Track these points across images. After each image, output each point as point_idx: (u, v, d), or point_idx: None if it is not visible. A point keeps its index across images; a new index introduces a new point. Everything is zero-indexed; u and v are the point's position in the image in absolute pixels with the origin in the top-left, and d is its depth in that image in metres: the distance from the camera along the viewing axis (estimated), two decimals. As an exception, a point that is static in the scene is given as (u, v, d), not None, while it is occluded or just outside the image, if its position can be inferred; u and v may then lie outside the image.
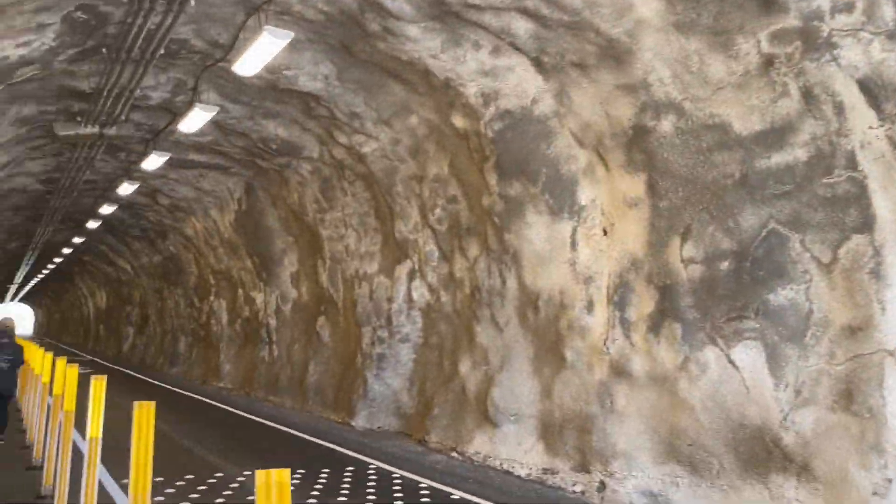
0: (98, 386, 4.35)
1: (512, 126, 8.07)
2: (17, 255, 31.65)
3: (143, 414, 2.75)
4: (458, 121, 8.90)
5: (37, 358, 9.58)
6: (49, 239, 26.82)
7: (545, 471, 7.94)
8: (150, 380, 21.84)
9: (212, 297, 21.07)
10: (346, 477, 8.07)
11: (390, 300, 11.62)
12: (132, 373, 24.59)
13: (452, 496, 7.26)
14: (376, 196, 11.90)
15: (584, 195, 7.69)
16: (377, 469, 8.56)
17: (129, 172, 15.64)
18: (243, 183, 16.06)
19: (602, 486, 7.16)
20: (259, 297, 17.53)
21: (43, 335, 67.08)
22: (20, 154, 13.80)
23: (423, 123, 9.83)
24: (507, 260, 8.87)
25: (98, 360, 30.60)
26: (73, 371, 5.44)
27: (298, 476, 8.02)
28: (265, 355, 17.01)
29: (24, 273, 39.84)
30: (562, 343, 7.96)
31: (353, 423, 11.84)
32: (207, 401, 16.17)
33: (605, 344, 7.38)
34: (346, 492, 7.32)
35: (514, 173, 8.28)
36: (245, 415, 13.63)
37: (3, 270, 37.23)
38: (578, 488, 7.41)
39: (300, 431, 11.55)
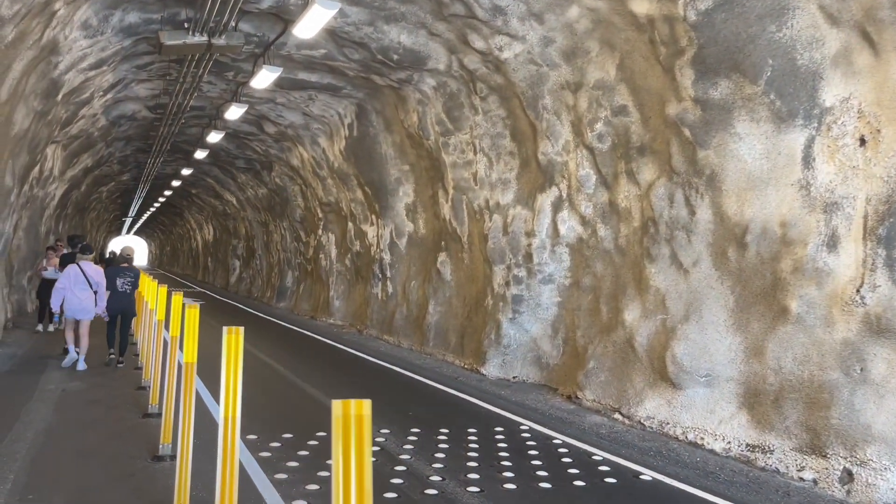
0: (192, 314, 4.19)
1: (725, 4, 6.12)
2: (130, 188, 32.32)
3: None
4: (641, 5, 7.00)
5: (148, 288, 8.99)
6: (159, 171, 26.90)
7: (751, 447, 6.32)
8: (257, 313, 21.60)
9: (320, 231, 20.28)
10: (499, 440, 6.77)
11: (530, 234, 10.06)
12: (240, 305, 24.60)
13: (642, 476, 5.79)
14: (514, 112, 10.21)
15: (832, 92, 5.72)
16: (531, 431, 7.22)
17: (237, 95, 14.63)
18: (354, 106, 14.74)
19: (848, 477, 5.47)
20: (371, 231, 16.44)
21: (156, 266, 70.73)
22: (127, 74, 12.98)
23: (585, 15, 7.96)
24: (698, 184, 7.05)
25: (207, 292, 31.14)
26: (178, 297, 5.01)
27: (444, 436, 6.80)
28: (378, 292, 16.02)
29: (137, 206, 41.13)
30: (783, 290, 6.16)
31: (484, 371, 10.58)
32: (320, 338, 15.44)
33: (857, 292, 5.54)
34: (508, 463, 5.99)
35: (723, 69, 6.36)
36: (362, 355, 12.69)
37: (118, 203, 38.46)
38: (808, 475, 5.75)
39: (426, 378, 10.41)
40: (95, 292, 9.57)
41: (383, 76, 12.18)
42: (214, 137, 17.43)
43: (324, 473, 5.36)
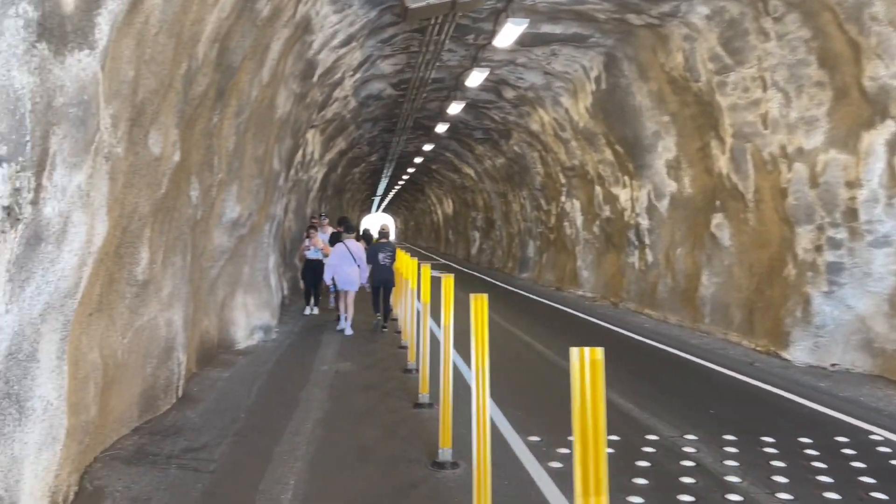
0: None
1: None
2: (378, 168, 34.26)
3: None
4: None
5: (406, 263, 10.09)
6: (402, 150, 27.93)
7: None
8: (501, 284, 21.29)
9: (562, 198, 19.20)
10: (850, 455, 5.12)
11: (853, 185, 7.88)
12: (483, 276, 24.62)
13: None
14: (824, 31, 8.02)
15: None
16: (893, 445, 5.40)
17: (477, 60, 14.01)
18: (602, 56, 13.26)
19: None
20: (623, 194, 14.92)
21: (402, 241, 75.82)
22: (372, 51, 12.99)
23: None
24: None
25: (450, 264, 31.96)
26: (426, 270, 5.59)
27: (771, 447, 5.32)
28: (634, 261, 14.51)
29: (384, 185, 43.83)
30: None
31: (787, 356, 8.69)
32: (572, 311, 14.44)
33: None
34: (884, 496, 4.36)
35: None
36: (625, 332, 11.39)
37: (368, 183, 41.27)
38: None
39: (711, 362, 8.83)
40: (359, 266, 10.63)
41: (641, 13, 10.57)
42: (454, 109, 17.14)
43: (636, 500, 4.26)
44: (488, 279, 23.51)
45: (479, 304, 3.32)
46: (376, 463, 4.80)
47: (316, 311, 12.94)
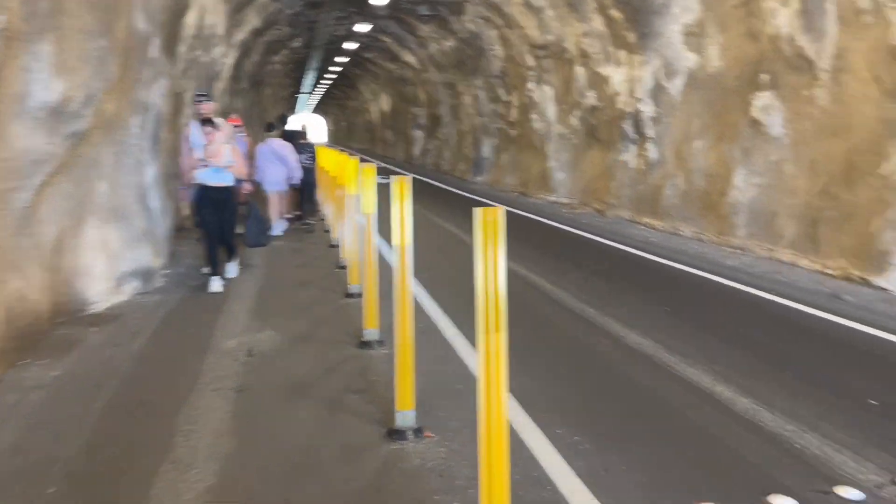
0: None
1: None
2: (302, 57, 29.85)
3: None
4: None
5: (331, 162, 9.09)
6: (331, 32, 23.80)
7: None
8: (454, 190, 18.41)
9: (529, 85, 16.08)
10: None
11: None
12: (430, 180, 21.62)
13: None
14: None
15: None
16: None
17: None
18: None
19: None
20: (617, 74, 11.96)
21: (333, 143, 70.98)
22: None
23: None
24: None
25: (389, 167, 28.67)
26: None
27: None
28: (629, 159, 11.81)
29: (311, 80, 39.22)
30: None
31: (883, 283, 6.32)
32: (548, 222, 11.77)
33: None
34: None
35: None
36: (629, 249, 8.78)
37: (292, 77, 36.62)
38: None
39: (773, 294, 6.37)
40: (284, 165, 10.21)
41: None
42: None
43: None
44: (436, 184, 20.54)
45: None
46: None
47: (218, 285, 6.60)
